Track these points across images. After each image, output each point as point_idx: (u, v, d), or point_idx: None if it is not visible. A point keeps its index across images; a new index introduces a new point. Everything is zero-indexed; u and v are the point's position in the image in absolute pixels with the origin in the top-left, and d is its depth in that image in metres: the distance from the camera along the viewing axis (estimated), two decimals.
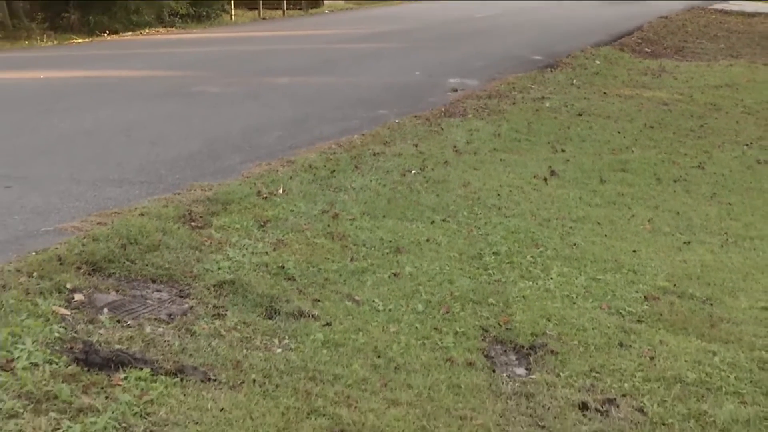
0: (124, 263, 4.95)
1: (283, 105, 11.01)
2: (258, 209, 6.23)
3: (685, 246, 6.38)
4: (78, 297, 4.42)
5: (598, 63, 16.30)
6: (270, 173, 7.27)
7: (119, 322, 4.24)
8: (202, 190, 6.64)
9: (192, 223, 5.79)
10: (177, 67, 14.69)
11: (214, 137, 8.81)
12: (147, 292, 4.70)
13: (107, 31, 20.87)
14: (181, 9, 24.26)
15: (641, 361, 4.34)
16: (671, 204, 7.52)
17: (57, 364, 3.68)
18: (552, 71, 14.99)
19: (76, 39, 19.90)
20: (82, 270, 4.76)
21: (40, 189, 6.56)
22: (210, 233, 5.66)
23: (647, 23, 24.65)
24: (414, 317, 4.69)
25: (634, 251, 6.09)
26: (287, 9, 29.88)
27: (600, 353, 4.41)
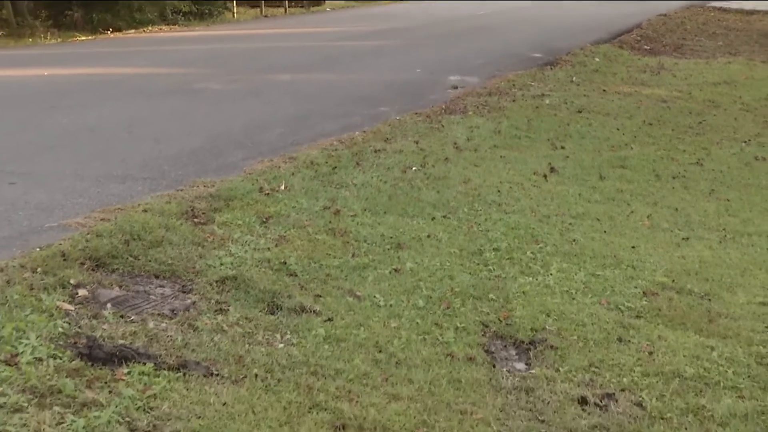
0: (127, 259, 4.96)
1: (285, 102, 11.02)
2: (260, 205, 6.25)
3: (684, 242, 6.40)
4: (82, 292, 4.44)
5: (597, 60, 16.31)
6: (272, 170, 7.29)
7: (122, 317, 4.26)
8: (204, 186, 6.66)
9: (194, 219, 5.80)
10: (180, 65, 14.70)
11: (216, 134, 8.83)
12: (150, 287, 4.72)
13: (110, 29, 20.91)
14: (184, 7, 24.33)
15: (640, 356, 4.36)
16: (670, 200, 7.54)
17: (61, 358, 3.70)
18: (552, 69, 15.00)
19: (79, 36, 19.94)
20: (85, 266, 4.78)
21: (44, 185, 6.59)
22: (212, 229, 5.68)
23: (646, 21, 24.63)
24: (415, 313, 4.71)
25: (633, 247, 6.12)
26: (289, 7, 29.90)
27: (599, 348, 4.43)
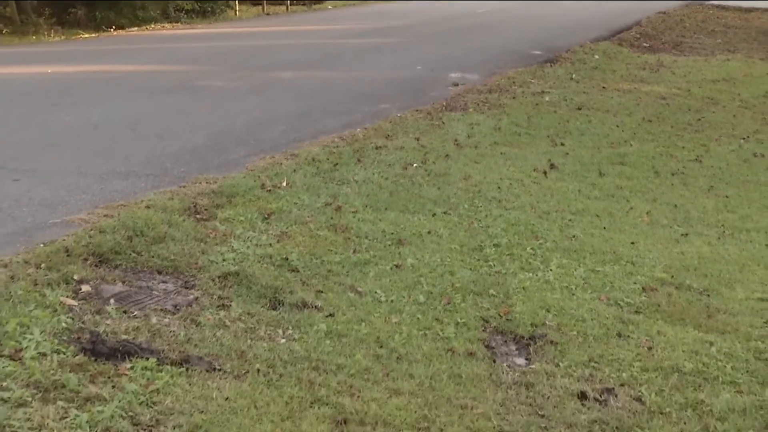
0: (130, 255, 4.98)
1: (287, 99, 11.03)
2: (262, 202, 6.27)
3: (683, 238, 6.43)
4: (85, 288, 4.46)
5: (597, 58, 16.32)
6: (274, 166, 7.31)
7: (126, 312, 4.28)
8: (207, 182, 6.68)
9: (197, 216, 5.83)
10: (182, 62, 14.71)
11: (218, 131, 8.85)
12: (153, 283, 4.74)
13: (113, 27, 20.93)
14: (187, 5, 24.39)
15: (639, 352, 4.38)
16: (669, 197, 7.56)
17: (64, 353, 3.71)
18: (551, 66, 15.02)
19: (82, 34, 19.97)
20: (89, 261, 4.80)
21: (47, 182, 6.61)
22: (215, 225, 5.70)
23: (645, 18, 24.68)
24: (416, 308, 4.73)
25: (632, 243, 6.14)
26: (291, 4, 29.89)
27: (599, 343, 4.45)
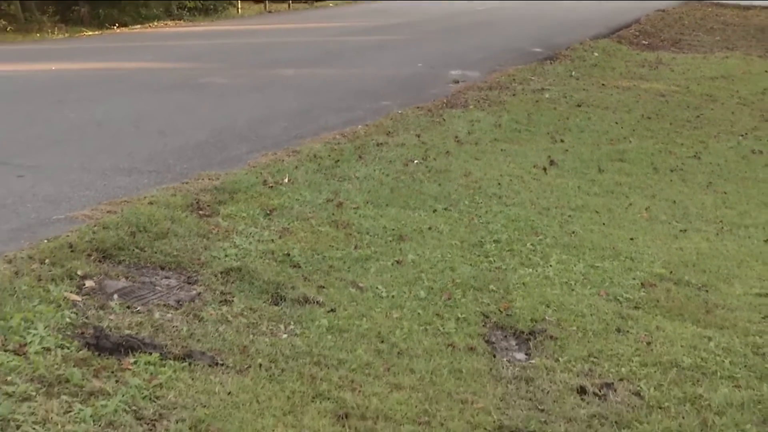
0: (133, 251, 5.00)
1: (289, 96, 11.05)
2: (264, 198, 6.29)
3: (682, 234, 6.45)
4: (89, 283, 4.49)
5: (596, 55, 16.33)
6: (276, 163, 7.32)
7: (129, 308, 4.30)
8: (209, 179, 6.69)
9: (199, 212, 5.85)
10: (185, 59, 14.72)
11: (221, 127, 8.87)
12: (156, 278, 4.76)
13: (117, 24, 20.94)
14: (189, 3, 24.38)
15: (638, 347, 4.40)
16: (668, 193, 7.59)
17: (68, 348, 3.74)
18: (551, 63, 15.04)
19: (86, 32, 19.97)
20: (92, 257, 4.82)
21: (51, 178, 6.63)
22: (217, 221, 5.72)
23: (645, 16, 24.67)
24: (416, 303, 4.75)
25: (631, 239, 6.16)
26: (293, 2, 29.82)
27: (598, 339, 4.47)
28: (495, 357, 4.27)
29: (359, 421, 3.51)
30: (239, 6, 27.14)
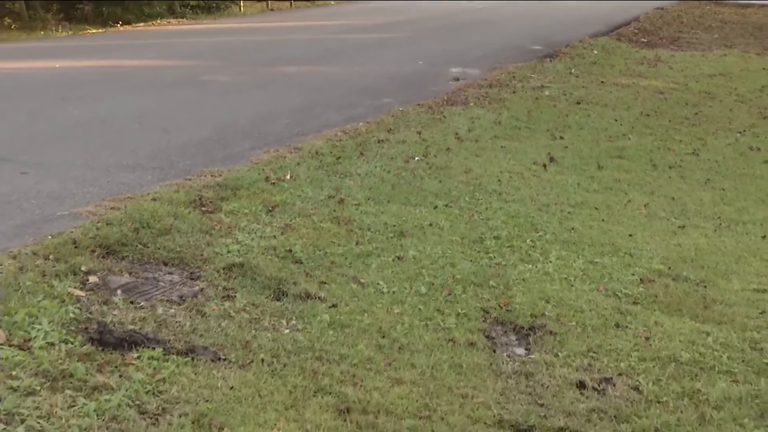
0: (137, 246, 5.02)
1: (291, 93, 11.06)
2: (266, 194, 6.31)
3: (680, 230, 6.48)
4: (92, 279, 4.50)
5: (595, 53, 16.35)
6: (278, 159, 7.34)
7: (132, 303, 4.31)
8: (212, 175, 6.71)
9: (202, 208, 5.87)
10: (188, 57, 14.72)
11: (223, 124, 8.88)
12: (159, 274, 4.78)
13: (120, 22, 20.97)
14: (192, 0, 24.40)
15: (637, 342, 4.42)
16: (666, 189, 7.62)
17: (72, 343, 3.75)
18: (551, 61, 15.05)
19: (90, 29, 19.98)
20: (96, 253, 4.84)
21: (55, 175, 6.63)
22: (220, 218, 5.74)
23: (644, 14, 24.73)
24: (417, 299, 4.78)
25: (630, 235, 6.18)
26: (294, 0, 29.85)
27: (597, 334, 4.50)
28: (495, 352, 4.29)
29: (360, 416, 3.52)
30: (241, 4, 27.15)
